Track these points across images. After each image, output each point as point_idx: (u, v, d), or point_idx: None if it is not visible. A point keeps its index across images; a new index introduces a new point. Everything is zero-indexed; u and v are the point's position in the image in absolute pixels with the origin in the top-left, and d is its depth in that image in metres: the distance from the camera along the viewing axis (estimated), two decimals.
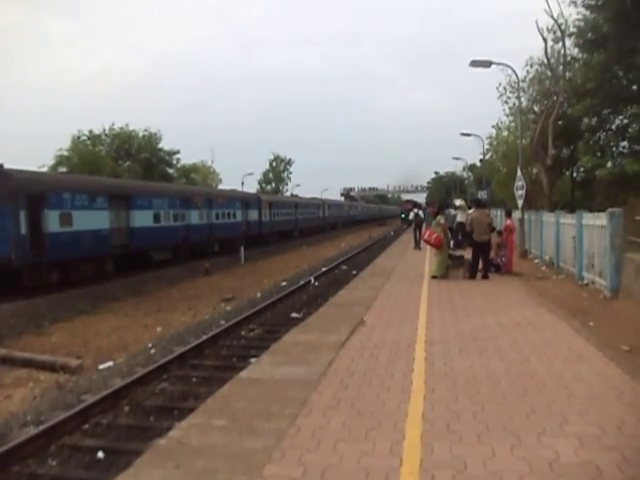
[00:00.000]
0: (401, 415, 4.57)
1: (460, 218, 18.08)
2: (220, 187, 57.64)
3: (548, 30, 23.28)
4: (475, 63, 18.89)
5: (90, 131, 44.32)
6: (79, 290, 17.33)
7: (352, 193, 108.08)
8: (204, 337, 10.90)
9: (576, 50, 25.82)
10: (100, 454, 5.99)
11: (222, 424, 4.55)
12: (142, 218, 22.37)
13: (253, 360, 7.81)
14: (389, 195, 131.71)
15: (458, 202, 20.94)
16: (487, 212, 13.78)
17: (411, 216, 24.30)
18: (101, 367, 9.67)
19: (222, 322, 12.71)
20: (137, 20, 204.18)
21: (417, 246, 22.39)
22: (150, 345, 11.10)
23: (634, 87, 23.57)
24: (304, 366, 6.17)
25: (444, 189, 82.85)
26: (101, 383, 8.57)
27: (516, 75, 21.24)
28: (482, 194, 34.80)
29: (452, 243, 16.60)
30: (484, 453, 3.80)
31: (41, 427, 6.57)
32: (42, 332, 13.13)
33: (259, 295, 17.14)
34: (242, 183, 56.14)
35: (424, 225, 21.83)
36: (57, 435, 6.43)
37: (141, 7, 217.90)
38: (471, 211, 14.15)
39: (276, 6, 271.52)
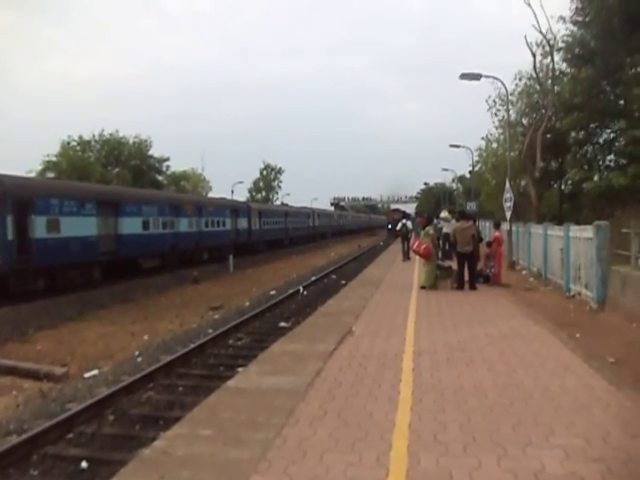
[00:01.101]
0: (388, 426, 4.55)
1: (446, 229, 18.25)
2: (210, 195, 57.61)
3: (537, 45, 23.68)
4: (465, 76, 19.10)
5: (80, 137, 44.22)
6: (65, 297, 17.15)
7: (342, 203, 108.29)
8: (191, 346, 10.82)
9: (564, 65, 26.31)
10: (84, 464, 5.90)
11: (208, 434, 4.51)
12: (130, 225, 22.25)
13: (240, 369, 7.77)
14: (379, 205, 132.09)
15: (443, 214, 21.12)
16: (471, 223, 13.86)
17: (399, 227, 23.87)
18: (86, 375, 9.56)
19: (210, 331, 12.64)
20: (129, 27, 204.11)
21: (406, 257, 22.19)
22: (137, 353, 11.00)
23: (621, 102, 23.95)
24: (291, 376, 6.14)
25: (434, 200, 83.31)
26: (86, 392, 8.46)
27: (505, 88, 21.59)
28: (471, 205, 35.06)
29: (440, 254, 16.67)
30: (470, 464, 3.80)
31: (23, 436, 6.47)
32: (27, 339, 12.97)
33: (247, 304, 17.08)
34: (232, 191, 56.27)
35: (413, 236, 21.83)
36: (40, 444, 6.33)
37: (133, 14, 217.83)
38: (459, 223, 14.23)
39: (269, 16, 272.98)
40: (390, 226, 55.93)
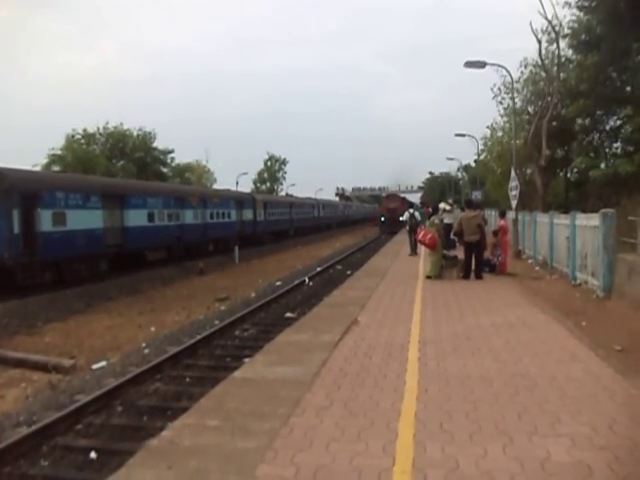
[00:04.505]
0: (394, 415, 4.57)
1: (447, 220, 18.24)
2: (215, 186, 57.60)
3: (542, 31, 23.38)
4: (469, 64, 18.93)
5: (84, 130, 44.18)
6: (72, 290, 17.26)
7: (346, 193, 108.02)
8: (198, 337, 10.89)
9: (570, 51, 26.01)
10: (92, 454, 5.97)
11: (215, 424, 4.54)
12: (136, 217, 22.31)
13: (247, 360, 7.80)
14: (384, 195, 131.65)
15: (441, 205, 20.98)
16: (478, 212, 13.83)
17: (405, 217, 21.71)
18: (94, 367, 9.65)
19: (216, 322, 12.70)
20: (133, 18, 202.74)
21: (413, 251, 19.98)
22: (144, 345, 11.07)
23: (627, 88, 23.74)
24: (297, 366, 6.16)
25: (439, 189, 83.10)
26: (94, 383, 8.55)
27: (510, 76, 21.35)
28: (476, 194, 34.96)
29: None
30: (476, 453, 3.81)
31: (33, 427, 6.54)
32: (35, 332, 13.08)
33: (253, 295, 17.14)
34: (237, 183, 56.17)
35: (420, 227, 21.12)
36: (49, 435, 6.40)
37: (137, 5, 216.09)
38: (465, 212, 14.20)
39: (272, 5, 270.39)
40: (383, 219, 44.58)
